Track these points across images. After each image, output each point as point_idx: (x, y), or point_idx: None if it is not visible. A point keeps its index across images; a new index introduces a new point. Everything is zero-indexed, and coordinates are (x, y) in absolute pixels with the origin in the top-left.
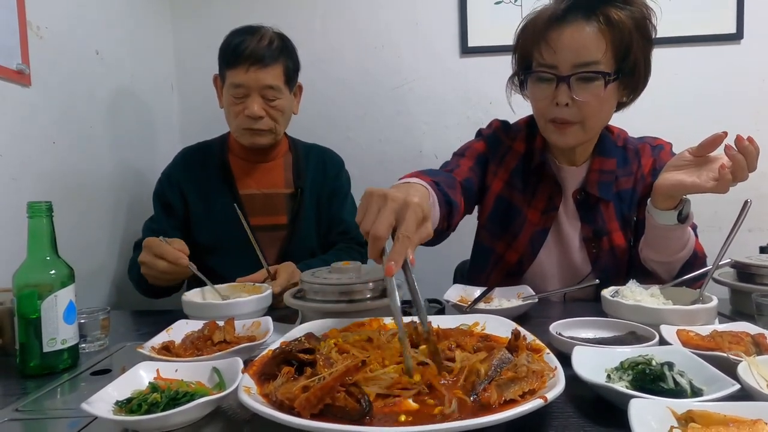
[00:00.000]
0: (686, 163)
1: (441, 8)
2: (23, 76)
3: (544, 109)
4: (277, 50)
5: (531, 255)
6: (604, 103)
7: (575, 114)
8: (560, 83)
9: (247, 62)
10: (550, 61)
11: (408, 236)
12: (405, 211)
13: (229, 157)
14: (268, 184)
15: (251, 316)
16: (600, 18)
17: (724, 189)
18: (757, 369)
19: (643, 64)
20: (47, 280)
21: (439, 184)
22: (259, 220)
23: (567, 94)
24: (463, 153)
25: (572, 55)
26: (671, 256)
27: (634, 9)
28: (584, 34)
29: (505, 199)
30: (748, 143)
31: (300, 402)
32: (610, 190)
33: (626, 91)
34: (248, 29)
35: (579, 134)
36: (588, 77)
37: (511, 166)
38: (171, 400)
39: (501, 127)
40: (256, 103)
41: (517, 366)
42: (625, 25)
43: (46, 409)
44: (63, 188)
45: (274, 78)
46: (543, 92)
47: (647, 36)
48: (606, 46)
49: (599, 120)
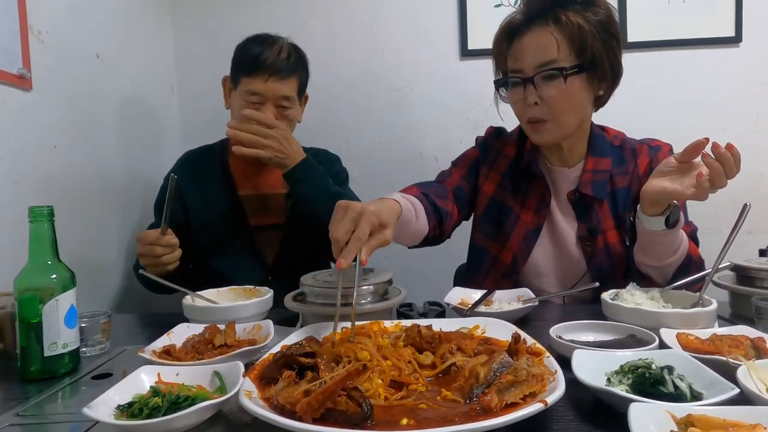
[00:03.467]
0: (671, 169)
1: (441, 11)
2: (24, 81)
3: (520, 111)
4: (295, 63)
5: (525, 254)
6: (572, 97)
7: (546, 111)
8: (527, 84)
9: (266, 72)
10: (516, 67)
11: (359, 238)
12: (360, 218)
13: (230, 160)
14: (267, 185)
15: (252, 320)
16: (551, 21)
17: (703, 196)
18: (756, 373)
19: (605, 56)
20: (48, 284)
21: (428, 195)
22: (258, 221)
23: (534, 94)
24: (458, 162)
25: (532, 57)
26: (662, 261)
27: (595, 9)
28: (541, 37)
29: (497, 201)
30: (726, 150)
31: (301, 406)
32: (604, 189)
33: (599, 84)
34: (266, 39)
35: (554, 130)
36: (549, 75)
37: (501, 169)
38: (172, 405)
39: (493, 133)
40: (269, 111)
41: (517, 370)
42: (577, 23)
43: (48, 414)
44: (64, 192)
45: (289, 89)
46: (516, 96)
47: (609, 31)
48: (560, 45)
49: (571, 115)
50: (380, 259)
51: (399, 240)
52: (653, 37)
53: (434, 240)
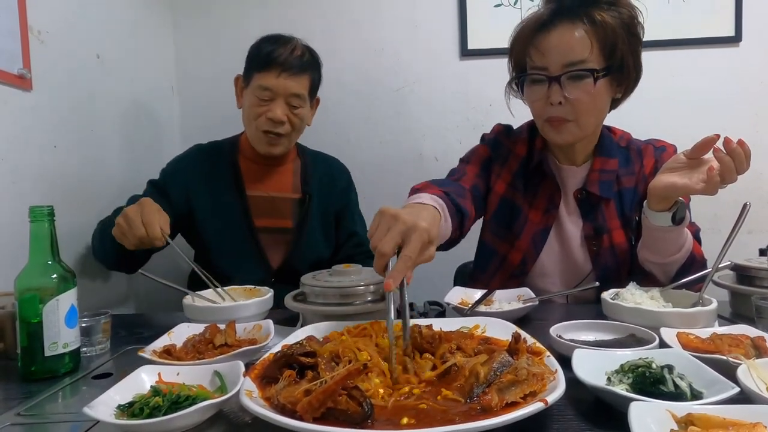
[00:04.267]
0: (680, 165)
1: (441, 11)
2: (24, 81)
3: (540, 109)
4: (307, 62)
5: (534, 255)
6: (596, 99)
7: (569, 111)
8: (552, 83)
9: (278, 68)
10: (541, 64)
11: (411, 257)
12: (411, 234)
13: (239, 159)
14: (276, 187)
15: (252, 319)
16: (584, 19)
17: (712, 191)
18: (756, 372)
19: (631, 59)
20: (49, 284)
21: (450, 194)
22: (263, 222)
23: (559, 93)
24: (469, 159)
25: (560, 56)
26: (667, 258)
27: (620, 9)
28: (570, 35)
29: (508, 200)
30: (737, 146)
31: (302, 406)
32: (610, 188)
33: (619, 87)
34: (280, 38)
35: (575, 131)
36: (578, 75)
37: (513, 168)
38: (173, 404)
39: (503, 131)
40: (279, 108)
41: (518, 369)
42: (609, 24)
43: (48, 414)
44: (64, 192)
45: (301, 87)
46: (537, 93)
47: (634, 33)
48: (592, 45)
49: (593, 116)
50: None
51: None
52: (653, 36)
53: (453, 242)
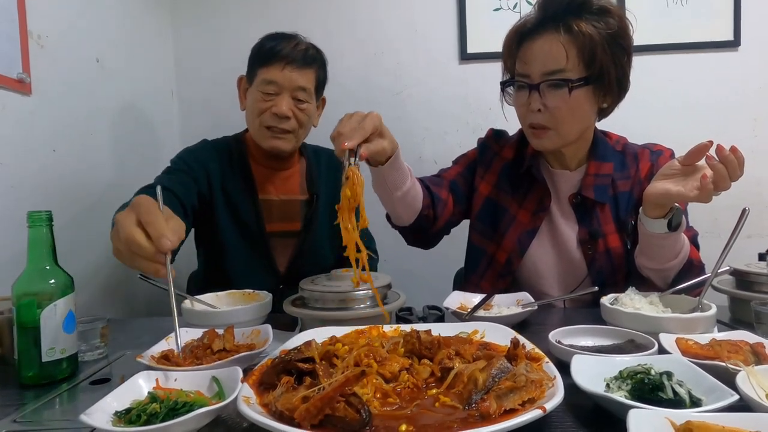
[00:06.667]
0: (675, 172)
1: (440, 15)
2: (24, 85)
3: (522, 115)
4: (312, 57)
5: (519, 254)
6: (575, 108)
7: (548, 119)
8: (532, 91)
9: (283, 61)
10: (523, 71)
11: (363, 128)
12: (365, 118)
13: (251, 163)
14: (286, 190)
15: (251, 324)
16: (562, 29)
17: (706, 198)
18: (755, 379)
19: (614, 70)
20: (47, 289)
21: (423, 180)
22: (274, 226)
23: (538, 101)
24: (458, 161)
25: (540, 64)
26: (664, 264)
27: (607, 19)
28: (550, 44)
29: (492, 201)
30: (730, 153)
31: (300, 413)
32: (605, 192)
33: (604, 96)
34: (283, 35)
35: (555, 139)
36: (555, 84)
37: (497, 170)
38: (170, 411)
39: (492, 135)
40: (285, 102)
41: (516, 375)
42: (587, 34)
43: (45, 420)
44: (63, 197)
45: (306, 81)
46: (520, 99)
47: (619, 43)
48: (570, 55)
49: (573, 125)
50: (380, 262)
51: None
52: (652, 40)
53: (427, 223)
